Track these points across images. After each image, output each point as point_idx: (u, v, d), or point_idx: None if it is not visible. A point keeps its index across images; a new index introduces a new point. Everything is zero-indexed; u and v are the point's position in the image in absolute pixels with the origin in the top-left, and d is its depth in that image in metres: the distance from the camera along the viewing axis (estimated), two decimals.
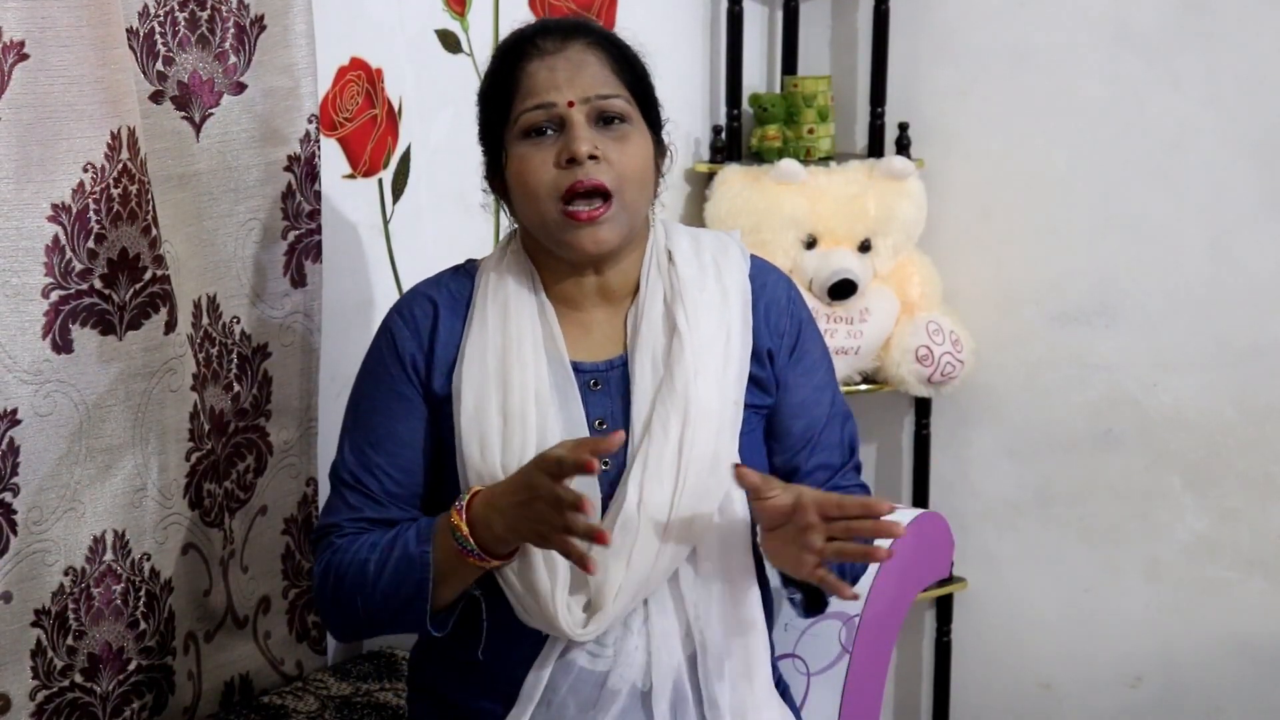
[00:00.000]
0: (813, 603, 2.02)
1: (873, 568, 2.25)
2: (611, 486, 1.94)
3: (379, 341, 2.05)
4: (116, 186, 2.10)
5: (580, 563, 1.80)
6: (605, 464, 1.96)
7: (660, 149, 2.03)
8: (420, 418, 2.01)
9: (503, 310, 2.00)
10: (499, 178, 2.02)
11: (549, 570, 1.91)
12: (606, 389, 2.00)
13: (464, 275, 2.07)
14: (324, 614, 2.06)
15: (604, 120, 1.94)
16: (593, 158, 1.91)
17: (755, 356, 2.03)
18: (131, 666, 2.24)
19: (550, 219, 1.94)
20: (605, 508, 1.93)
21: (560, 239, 1.95)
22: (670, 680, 1.93)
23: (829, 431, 2.07)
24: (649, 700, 1.93)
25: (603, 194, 1.92)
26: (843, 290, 3.08)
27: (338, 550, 1.99)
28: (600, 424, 1.98)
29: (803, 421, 2.06)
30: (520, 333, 1.98)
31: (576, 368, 1.99)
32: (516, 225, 2.05)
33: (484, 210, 2.10)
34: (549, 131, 1.94)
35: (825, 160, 3.17)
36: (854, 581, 2.02)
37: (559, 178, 1.92)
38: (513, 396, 1.94)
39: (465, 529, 1.87)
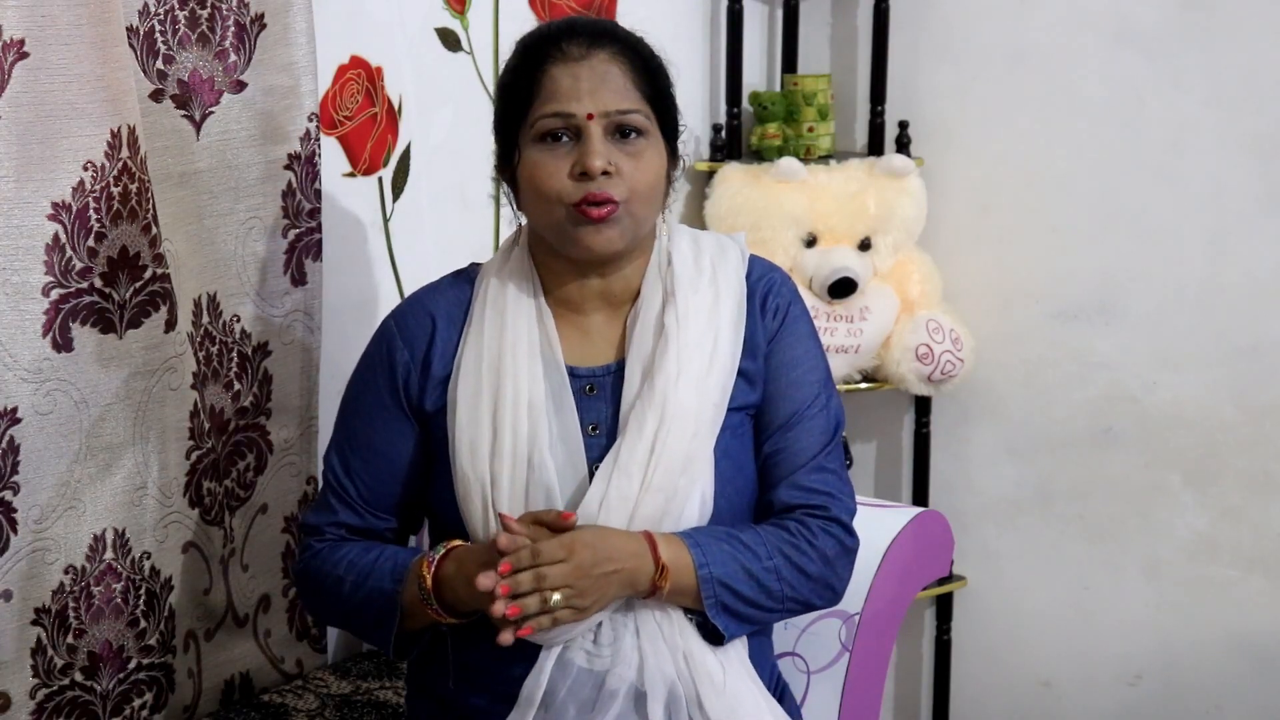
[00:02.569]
0: (711, 631, 1.97)
1: (872, 565, 2.25)
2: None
3: (374, 350, 2.05)
4: (117, 185, 2.10)
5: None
6: (596, 468, 1.96)
7: (674, 159, 2.03)
8: (401, 432, 2.02)
9: (500, 316, 2.00)
10: (508, 169, 2.02)
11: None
12: (601, 394, 2.00)
13: (465, 281, 2.07)
14: (303, 603, 2.19)
15: (621, 133, 1.94)
16: (605, 173, 1.91)
17: (749, 350, 2.02)
18: (132, 665, 2.24)
19: (560, 218, 1.94)
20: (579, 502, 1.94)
21: (567, 236, 1.95)
22: (664, 683, 1.92)
23: (801, 429, 2.02)
24: (646, 701, 1.92)
25: (611, 204, 1.92)
26: (843, 288, 3.08)
27: (316, 555, 2.04)
28: (593, 429, 1.98)
29: (771, 415, 2.03)
30: (516, 338, 1.98)
31: (573, 372, 1.99)
32: (522, 222, 2.05)
33: (489, 199, 2.10)
34: (565, 138, 1.94)
35: (825, 158, 3.17)
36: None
37: (571, 189, 1.92)
38: (505, 403, 1.95)
39: (430, 584, 1.92)
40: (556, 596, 1.85)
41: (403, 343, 2.02)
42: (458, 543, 1.95)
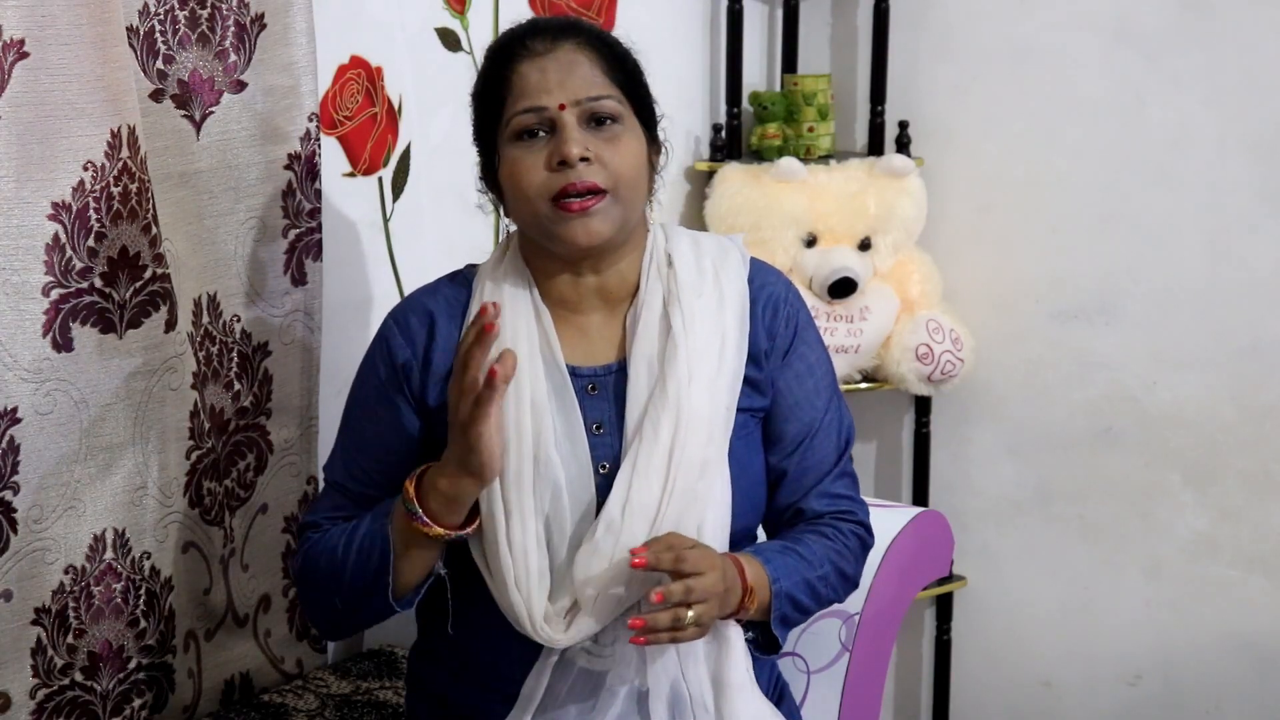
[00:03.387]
0: (767, 644, 2.00)
1: (872, 565, 2.25)
2: (604, 490, 1.94)
3: (374, 349, 2.05)
4: (117, 185, 2.10)
5: (490, 446, 1.83)
6: (603, 467, 1.96)
7: (655, 146, 2.02)
8: (408, 427, 2.01)
9: (499, 316, 1.99)
10: (493, 177, 2.02)
11: (521, 587, 1.90)
12: (604, 393, 1.99)
13: (461, 282, 2.06)
14: (305, 609, 2.09)
15: (595, 121, 1.94)
16: (584, 160, 1.91)
17: (752, 358, 2.02)
18: (132, 665, 2.24)
19: (542, 214, 1.93)
20: (596, 510, 1.93)
21: (552, 232, 1.94)
22: (667, 682, 1.92)
23: (822, 437, 2.05)
24: (647, 702, 1.92)
25: (596, 193, 1.92)
26: (843, 288, 3.08)
27: (313, 544, 2.01)
28: (598, 428, 1.97)
29: (794, 425, 2.04)
30: (515, 338, 1.97)
31: (574, 372, 1.98)
32: (513, 228, 2.05)
33: (481, 211, 2.10)
34: (541, 134, 1.93)
35: (825, 158, 3.17)
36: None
37: (551, 180, 1.92)
38: (508, 401, 1.93)
39: (413, 494, 1.88)
40: (691, 614, 1.82)
41: (404, 340, 2.02)
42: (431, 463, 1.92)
